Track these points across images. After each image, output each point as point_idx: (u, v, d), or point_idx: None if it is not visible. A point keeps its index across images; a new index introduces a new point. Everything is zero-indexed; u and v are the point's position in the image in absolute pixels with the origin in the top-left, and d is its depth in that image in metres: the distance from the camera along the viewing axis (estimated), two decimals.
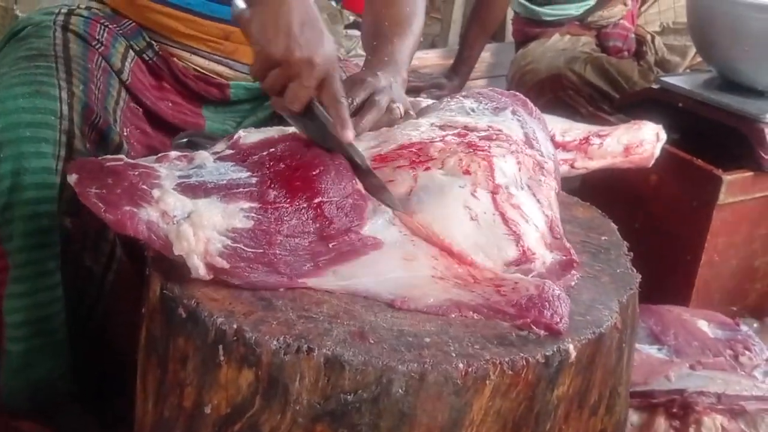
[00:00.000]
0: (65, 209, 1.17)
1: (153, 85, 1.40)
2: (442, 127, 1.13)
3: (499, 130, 1.12)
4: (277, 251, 0.91)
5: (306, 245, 0.93)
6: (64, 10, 1.38)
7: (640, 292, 1.06)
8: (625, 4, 2.54)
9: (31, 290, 1.16)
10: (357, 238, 0.95)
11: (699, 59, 2.32)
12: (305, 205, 0.94)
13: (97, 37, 1.35)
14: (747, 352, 1.64)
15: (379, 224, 0.99)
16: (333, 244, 0.94)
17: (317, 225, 0.94)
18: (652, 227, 1.88)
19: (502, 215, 1.01)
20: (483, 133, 1.10)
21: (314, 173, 0.96)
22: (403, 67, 1.30)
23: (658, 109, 1.82)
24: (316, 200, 0.94)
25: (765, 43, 1.75)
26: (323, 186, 0.96)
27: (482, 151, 1.06)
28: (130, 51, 1.38)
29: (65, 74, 1.24)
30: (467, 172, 1.03)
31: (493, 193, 1.03)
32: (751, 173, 1.76)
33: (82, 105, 1.21)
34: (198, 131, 1.35)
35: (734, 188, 1.75)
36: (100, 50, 1.33)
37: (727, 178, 1.73)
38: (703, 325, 1.71)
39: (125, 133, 1.31)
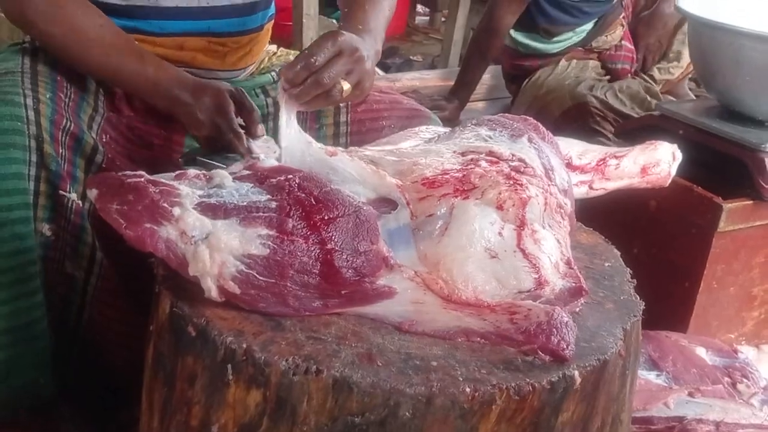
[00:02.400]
0: (41, 215, 1.17)
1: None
2: (464, 154, 1.14)
3: (522, 159, 1.13)
4: (288, 284, 0.91)
5: (316, 284, 0.93)
6: (29, 39, 1.40)
7: None
8: (623, 26, 2.58)
9: (11, 297, 1.16)
10: (370, 288, 0.95)
11: None
12: (318, 249, 0.93)
13: None
14: (745, 380, 1.66)
15: (395, 278, 0.98)
16: (344, 291, 0.94)
17: (325, 270, 0.93)
18: (651, 253, 1.89)
19: (523, 251, 1.02)
20: (511, 164, 1.11)
21: (333, 216, 0.95)
22: (378, 38, 1.29)
23: (659, 137, 1.83)
24: (329, 246, 0.93)
25: (765, 73, 1.77)
26: (338, 235, 0.94)
27: (521, 186, 1.06)
28: None
29: (31, 84, 1.25)
30: (501, 207, 1.04)
31: (519, 228, 1.04)
32: (750, 201, 1.78)
33: (51, 110, 1.22)
34: (204, 149, 1.36)
35: (734, 216, 1.76)
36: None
37: (727, 206, 1.74)
38: (701, 351, 1.73)
39: (104, 139, 1.32)
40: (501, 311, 0.95)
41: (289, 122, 1.12)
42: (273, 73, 1.57)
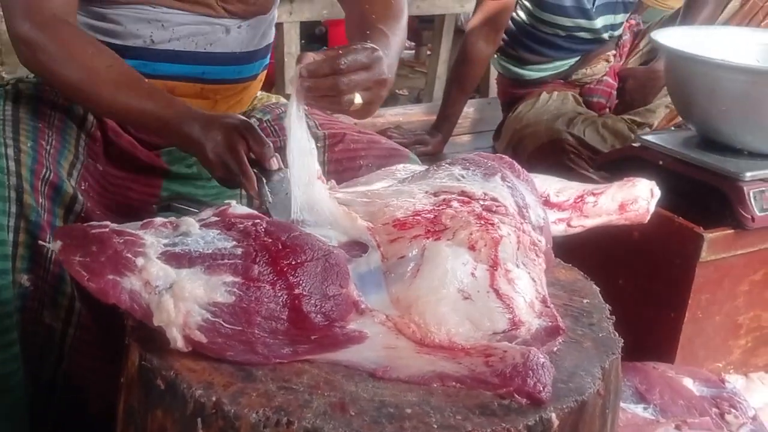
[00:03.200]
0: (20, 266, 1.16)
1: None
2: (436, 194, 1.13)
3: (495, 198, 1.12)
4: (256, 331, 0.90)
5: (284, 330, 0.91)
6: (12, 81, 1.40)
7: (625, 350, 1.06)
8: (608, 61, 2.58)
9: None
10: (340, 333, 0.93)
11: None
12: (286, 294, 0.92)
13: (50, 99, 1.36)
14: (733, 410, 1.64)
15: (366, 322, 0.97)
16: (314, 337, 0.92)
17: (294, 316, 0.92)
18: (635, 284, 1.89)
19: (497, 291, 1.01)
20: (483, 203, 1.11)
21: (300, 260, 0.94)
22: (394, 68, 1.26)
23: (639, 167, 1.84)
24: (296, 291, 0.92)
25: (742, 102, 1.78)
26: (306, 279, 0.93)
27: (492, 226, 1.06)
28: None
29: (12, 132, 1.25)
30: (473, 248, 1.03)
31: (492, 268, 1.03)
32: (732, 231, 1.77)
33: (31, 160, 1.21)
34: (178, 195, 1.35)
35: (716, 246, 1.76)
36: (53, 108, 1.34)
37: (709, 236, 1.74)
38: (688, 382, 1.71)
39: (83, 188, 1.31)
40: (476, 354, 0.94)
41: (298, 113, 1.09)
42: (254, 119, 1.56)
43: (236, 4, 1.42)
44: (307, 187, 1.08)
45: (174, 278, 0.90)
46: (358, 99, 1.10)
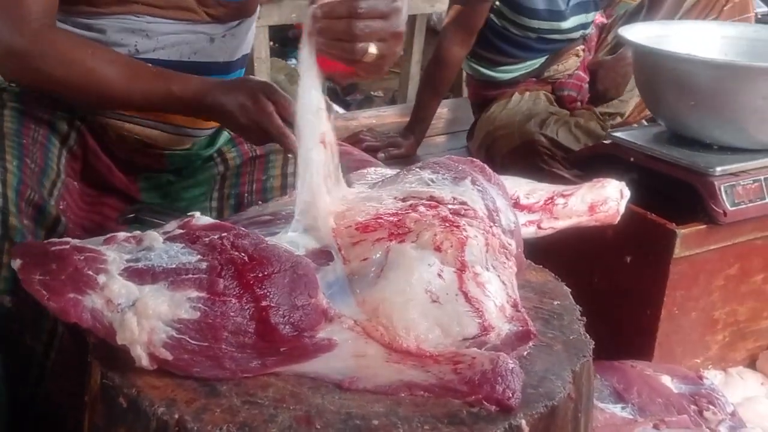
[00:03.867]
0: (4, 288, 1.14)
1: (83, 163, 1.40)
2: (404, 199, 1.12)
3: (464, 202, 1.11)
4: (223, 346, 0.88)
5: (252, 343, 0.89)
6: None
7: (602, 349, 1.06)
8: (578, 56, 2.59)
9: None
10: (310, 343, 0.91)
11: None
12: (252, 307, 0.90)
13: (35, 112, 1.34)
14: (711, 407, 1.64)
15: (335, 329, 0.94)
16: (283, 348, 0.90)
17: (261, 329, 0.90)
18: (610, 283, 1.89)
19: (465, 294, 1.00)
20: (452, 207, 1.10)
21: (267, 272, 0.92)
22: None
23: (611, 164, 1.84)
24: (263, 303, 0.90)
25: (710, 97, 1.78)
26: (273, 291, 0.90)
27: (457, 228, 1.04)
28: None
29: None
30: (438, 249, 1.02)
31: (460, 271, 1.01)
32: (704, 226, 1.78)
33: (17, 181, 1.20)
34: (144, 205, 1.33)
35: (689, 242, 1.76)
36: (37, 123, 1.33)
37: (682, 231, 1.74)
38: (666, 380, 1.71)
39: (62, 206, 1.29)
40: (444, 361, 0.93)
41: (309, 59, 1.03)
42: (226, 132, 1.55)
43: (217, 8, 1.41)
44: (307, 152, 1.04)
45: (137, 295, 0.88)
46: (372, 49, 1.02)
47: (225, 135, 1.55)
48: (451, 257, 1.01)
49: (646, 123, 2.45)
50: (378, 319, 0.96)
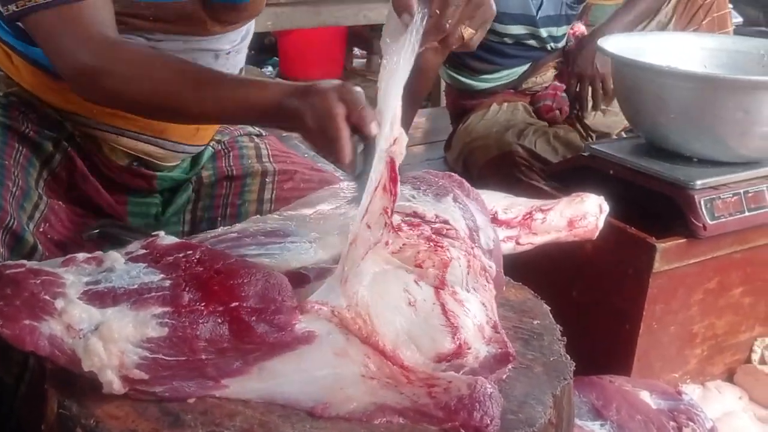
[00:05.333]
0: None
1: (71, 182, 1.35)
2: None
3: (446, 221, 1.08)
4: (203, 356, 0.85)
5: (230, 345, 0.86)
6: None
7: (581, 364, 1.04)
8: (556, 68, 2.57)
9: None
10: (289, 335, 0.88)
11: None
12: (222, 309, 0.87)
13: (19, 129, 1.31)
14: (690, 423, 1.62)
15: (312, 320, 0.91)
16: (262, 344, 0.87)
17: (236, 328, 0.87)
18: (590, 296, 1.86)
19: (443, 306, 0.97)
20: (434, 225, 1.07)
21: (236, 282, 0.88)
22: None
23: (590, 177, 1.82)
24: (233, 304, 0.87)
25: (690, 110, 1.77)
26: (242, 292, 0.87)
27: (441, 248, 1.02)
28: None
29: None
30: (419, 266, 0.99)
31: (439, 288, 0.98)
32: (684, 240, 1.76)
33: None
34: (111, 221, 1.29)
35: (669, 255, 1.74)
36: (21, 141, 1.29)
37: (661, 245, 1.72)
38: (645, 396, 1.69)
39: (42, 229, 1.25)
40: (418, 383, 0.89)
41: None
42: (213, 141, 1.51)
43: (229, 13, 1.37)
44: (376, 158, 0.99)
45: (99, 319, 0.84)
46: (467, 32, 1.06)
47: (208, 152, 1.51)
48: (432, 276, 0.99)
49: (624, 135, 2.43)
50: (357, 310, 0.92)
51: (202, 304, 0.87)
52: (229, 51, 1.41)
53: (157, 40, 1.31)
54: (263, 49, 5.27)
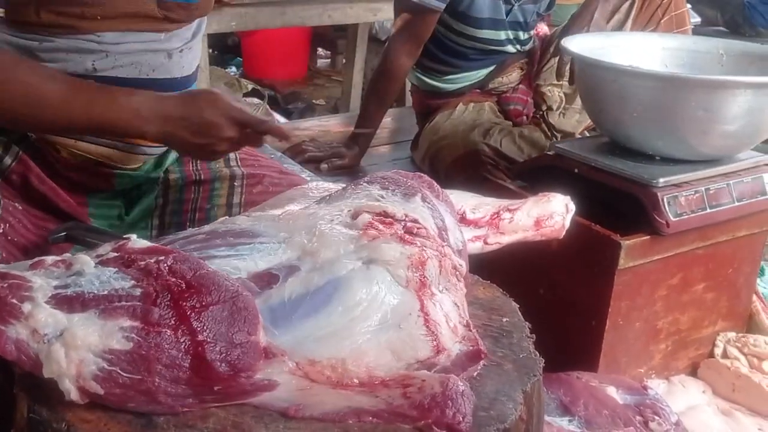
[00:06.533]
0: None
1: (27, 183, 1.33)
2: (356, 215, 1.07)
3: (415, 220, 1.08)
4: (157, 380, 0.83)
5: (187, 378, 0.84)
6: None
7: (549, 361, 1.04)
8: (522, 69, 2.59)
9: None
10: (247, 383, 0.86)
11: None
12: (188, 340, 0.84)
13: None
14: (656, 417, 1.65)
15: (275, 371, 0.89)
16: (218, 387, 0.85)
17: (197, 364, 0.84)
18: (556, 294, 1.88)
19: (426, 316, 0.96)
20: (405, 224, 1.06)
21: (205, 303, 0.86)
22: None
23: (555, 176, 1.84)
24: (200, 338, 0.84)
25: (652, 109, 1.79)
26: (210, 325, 0.85)
27: (416, 246, 1.01)
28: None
29: None
30: (396, 269, 0.97)
31: (419, 291, 0.97)
32: (648, 237, 1.78)
33: None
34: (77, 223, 1.27)
35: (633, 252, 1.76)
36: None
37: (626, 243, 1.75)
38: (612, 391, 1.71)
39: (1, 230, 1.23)
40: (394, 385, 0.90)
41: None
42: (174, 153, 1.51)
43: (178, 11, 1.36)
44: None
45: (65, 325, 0.83)
46: None
47: (173, 156, 1.50)
48: (411, 277, 0.98)
49: (588, 134, 2.46)
50: (326, 360, 0.90)
51: (170, 326, 0.84)
52: (182, 49, 1.40)
53: (108, 42, 1.30)
54: (226, 49, 5.24)
